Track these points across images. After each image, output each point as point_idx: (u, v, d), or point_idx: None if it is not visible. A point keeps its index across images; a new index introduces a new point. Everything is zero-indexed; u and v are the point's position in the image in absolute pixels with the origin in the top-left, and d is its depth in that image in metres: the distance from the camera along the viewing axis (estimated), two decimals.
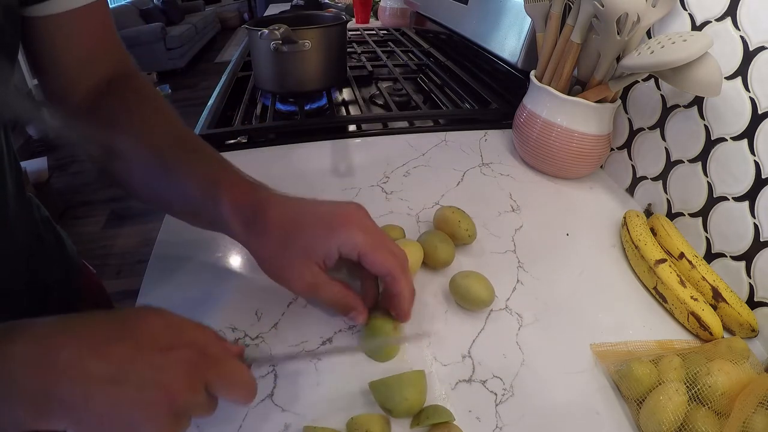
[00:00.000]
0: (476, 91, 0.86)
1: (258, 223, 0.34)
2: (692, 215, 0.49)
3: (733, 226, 0.44)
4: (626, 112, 0.59)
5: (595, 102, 0.55)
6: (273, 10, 1.86)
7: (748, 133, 0.42)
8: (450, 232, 0.47)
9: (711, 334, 0.40)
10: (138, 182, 0.40)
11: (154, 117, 0.41)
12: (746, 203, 0.42)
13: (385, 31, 1.36)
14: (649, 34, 0.53)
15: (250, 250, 0.36)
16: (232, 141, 0.71)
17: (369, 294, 0.38)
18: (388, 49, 1.18)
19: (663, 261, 0.44)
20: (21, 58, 0.40)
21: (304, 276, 0.34)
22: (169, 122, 0.41)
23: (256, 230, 0.35)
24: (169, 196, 0.39)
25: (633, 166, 0.59)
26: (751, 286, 0.42)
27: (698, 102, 0.47)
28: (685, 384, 0.33)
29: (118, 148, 0.39)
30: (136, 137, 0.39)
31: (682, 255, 0.45)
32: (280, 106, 0.84)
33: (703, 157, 0.47)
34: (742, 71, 0.42)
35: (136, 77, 0.44)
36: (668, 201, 0.52)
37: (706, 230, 0.47)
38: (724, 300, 0.41)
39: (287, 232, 0.34)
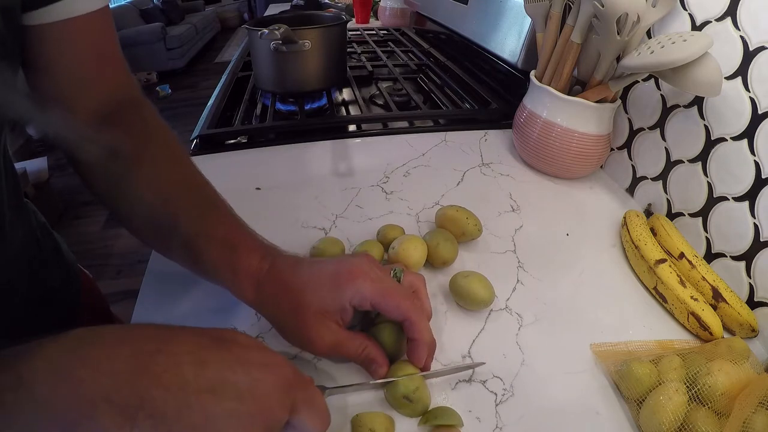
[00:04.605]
0: (476, 91, 0.86)
1: (271, 294, 0.34)
2: (692, 215, 0.49)
3: (733, 226, 0.44)
4: (626, 112, 0.59)
5: (595, 102, 0.55)
6: (273, 10, 1.86)
7: (748, 133, 0.42)
8: (458, 229, 0.48)
9: (711, 334, 0.40)
10: (140, 225, 0.38)
11: (163, 158, 0.38)
12: (746, 203, 0.42)
13: (385, 31, 1.36)
14: (649, 34, 0.53)
15: (266, 318, 0.36)
16: (232, 141, 0.71)
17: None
18: (388, 49, 1.18)
19: (663, 261, 0.44)
20: None
21: (324, 336, 0.33)
22: (179, 164, 0.39)
23: (268, 298, 0.34)
24: (176, 249, 0.37)
25: (633, 166, 0.59)
26: (751, 286, 0.42)
27: (698, 102, 0.47)
28: (685, 384, 0.33)
29: (121, 188, 0.37)
30: (143, 180, 0.36)
31: (682, 255, 0.45)
32: (280, 106, 0.84)
33: (703, 157, 0.47)
34: (742, 71, 0.42)
35: (144, 107, 0.41)
36: (668, 201, 0.52)
37: (706, 230, 0.47)
38: (724, 300, 0.41)
39: (298, 299, 0.34)
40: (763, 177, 0.41)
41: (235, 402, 0.23)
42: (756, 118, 0.41)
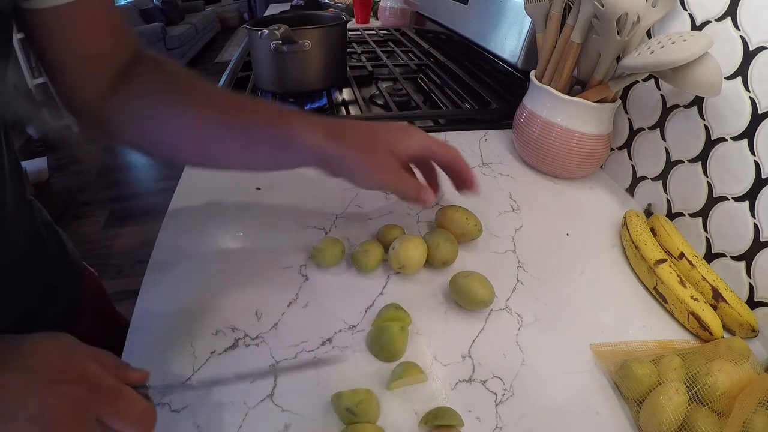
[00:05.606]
0: (476, 91, 0.86)
1: (341, 135, 0.40)
2: (692, 215, 0.49)
3: (733, 226, 0.44)
4: (626, 112, 0.59)
5: (595, 102, 0.55)
6: (273, 10, 1.85)
7: (748, 133, 0.42)
8: (458, 229, 0.48)
9: (711, 334, 0.40)
10: (190, 143, 0.41)
11: (197, 84, 0.42)
12: (746, 203, 0.42)
13: (385, 31, 1.36)
14: (649, 34, 0.53)
15: (336, 159, 0.40)
16: None
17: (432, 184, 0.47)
18: (388, 49, 1.18)
19: (663, 261, 0.44)
20: (20, 55, 0.39)
21: (392, 169, 0.40)
22: (213, 86, 0.42)
23: (341, 140, 0.39)
24: (229, 143, 0.40)
25: (633, 166, 0.59)
26: (751, 286, 0.42)
27: (698, 102, 0.47)
28: (685, 384, 0.33)
29: (164, 119, 0.39)
30: (184, 103, 0.40)
31: (682, 255, 0.45)
32: None
33: (703, 157, 0.47)
34: (742, 71, 0.42)
35: (163, 60, 0.43)
36: (668, 201, 0.52)
37: (706, 230, 0.47)
38: (724, 300, 0.41)
39: (369, 138, 0.40)
40: (763, 177, 0.41)
41: (22, 426, 0.24)
42: (756, 118, 0.41)
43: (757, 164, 0.41)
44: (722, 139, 0.45)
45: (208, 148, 0.41)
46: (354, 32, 1.33)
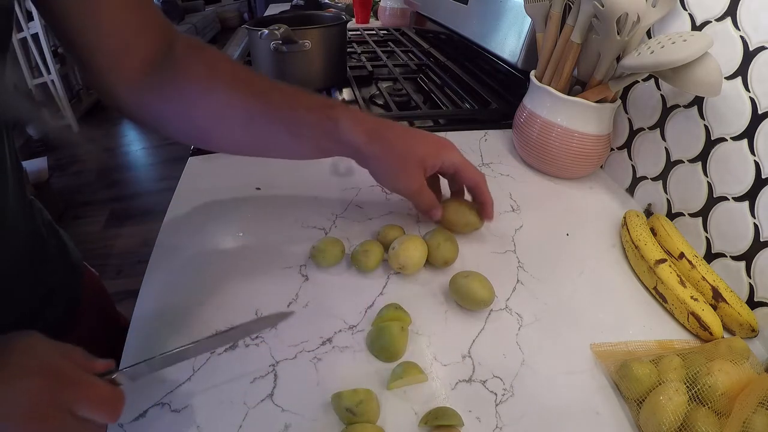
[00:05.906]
0: (476, 91, 0.86)
1: (380, 137, 0.42)
2: (692, 215, 0.49)
3: (733, 226, 0.44)
4: (626, 112, 0.59)
5: (595, 102, 0.55)
6: (273, 10, 1.85)
7: (748, 133, 0.42)
8: (461, 220, 0.48)
9: (711, 334, 0.40)
10: (233, 130, 0.42)
11: (239, 70, 0.42)
12: (746, 203, 0.42)
13: (385, 31, 1.36)
14: (649, 34, 0.53)
15: (370, 158, 0.43)
16: None
17: (439, 198, 0.51)
18: (388, 49, 1.18)
19: (663, 261, 0.44)
20: (20, 55, 0.38)
21: (417, 181, 0.44)
22: (252, 71, 0.43)
23: (379, 142, 0.42)
24: (277, 129, 0.41)
25: (633, 166, 0.59)
26: (751, 286, 0.42)
27: (698, 102, 0.47)
28: (685, 384, 0.33)
29: (207, 105, 0.40)
30: (230, 89, 0.41)
31: (682, 255, 0.45)
32: None
33: (703, 157, 0.47)
34: (742, 71, 0.42)
35: (201, 45, 0.43)
36: (668, 201, 0.52)
37: (706, 230, 0.47)
38: (724, 300, 0.41)
39: (406, 147, 0.43)
40: (763, 177, 0.41)
41: (2, 426, 0.24)
42: (756, 118, 0.41)
43: (757, 164, 0.41)
44: (722, 139, 0.45)
45: (256, 135, 0.42)
46: (354, 32, 1.33)
